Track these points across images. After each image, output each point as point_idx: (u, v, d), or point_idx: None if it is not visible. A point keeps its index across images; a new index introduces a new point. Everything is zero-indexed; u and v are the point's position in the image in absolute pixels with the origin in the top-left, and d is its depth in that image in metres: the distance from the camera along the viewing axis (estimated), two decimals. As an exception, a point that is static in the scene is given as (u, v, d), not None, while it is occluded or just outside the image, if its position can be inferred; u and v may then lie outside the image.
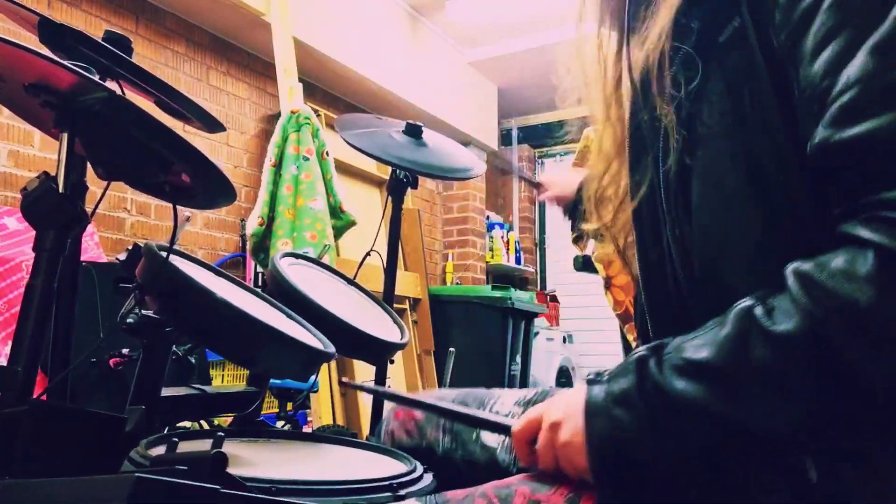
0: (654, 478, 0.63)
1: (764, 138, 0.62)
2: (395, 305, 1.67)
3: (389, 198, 1.87)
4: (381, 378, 1.73)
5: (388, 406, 1.18)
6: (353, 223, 3.11)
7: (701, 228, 0.67)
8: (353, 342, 1.23)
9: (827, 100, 0.57)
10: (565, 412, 0.68)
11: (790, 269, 0.57)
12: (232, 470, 0.58)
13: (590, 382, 0.67)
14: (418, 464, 0.90)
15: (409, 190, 1.88)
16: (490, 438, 0.95)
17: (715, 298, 0.63)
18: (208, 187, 1.01)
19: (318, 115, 3.35)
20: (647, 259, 0.74)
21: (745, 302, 0.59)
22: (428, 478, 0.86)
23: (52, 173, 0.92)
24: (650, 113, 0.71)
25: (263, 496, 0.57)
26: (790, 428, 0.57)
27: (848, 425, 0.57)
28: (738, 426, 0.57)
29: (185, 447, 0.66)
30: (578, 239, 3.01)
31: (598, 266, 2.03)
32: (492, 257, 5.57)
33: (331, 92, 4.28)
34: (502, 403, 0.98)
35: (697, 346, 0.60)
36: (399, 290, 3.96)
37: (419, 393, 1.13)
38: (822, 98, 0.57)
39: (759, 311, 0.57)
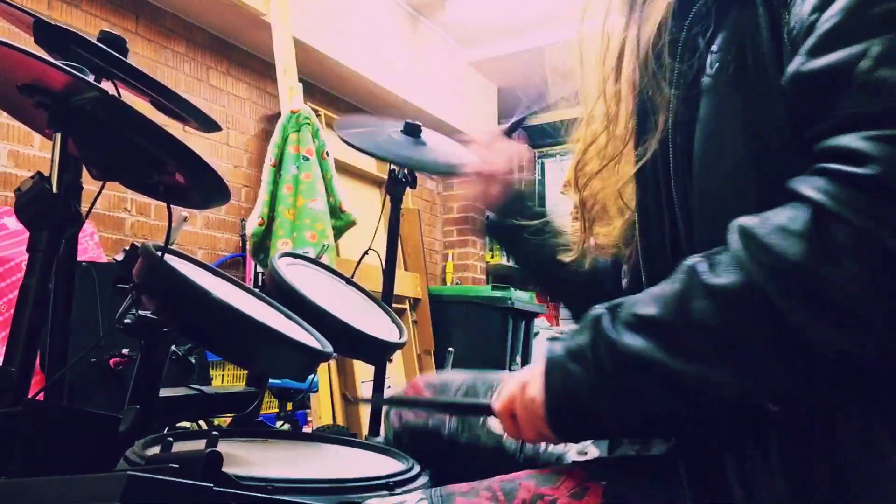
0: (606, 430, 0.65)
1: (762, 92, 0.62)
2: (394, 305, 1.67)
3: (388, 197, 1.88)
4: (380, 378, 1.73)
5: (395, 391, 1.19)
6: (353, 223, 3.11)
7: (701, 188, 0.67)
8: (351, 342, 1.23)
9: (810, 33, 0.56)
10: (532, 373, 0.70)
11: (735, 224, 0.57)
12: (229, 469, 0.58)
13: (550, 342, 0.69)
14: (415, 462, 0.90)
15: (409, 190, 1.89)
16: (496, 425, 0.95)
17: None
18: (202, 187, 1.01)
19: (318, 115, 3.35)
20: (649, 226, 0.74)
21: (693, 258, 0.60)
22: (424, 477, 0.86)
23: (48, 174, 0.92)
24: (656, 78, 0.71)
25: (256, 494, 0.57)
26: (734, 380, 0.57)
27: (806, 389, 0.57)
28: (682, 379, 0.58)
29: (182, 447, 0.66)
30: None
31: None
32: (492, 257, 5.57)
33: (331, 92, 4.28)
34: None
35: (646, 301, 0.61)
36: (399, 290, 3.96)
37: (428, 375, 1.13)
38: (808, 33, 0.57)
39: (702, 265, 0.58)
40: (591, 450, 0.90)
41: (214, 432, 0.74)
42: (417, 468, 0.88)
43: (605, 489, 0.66)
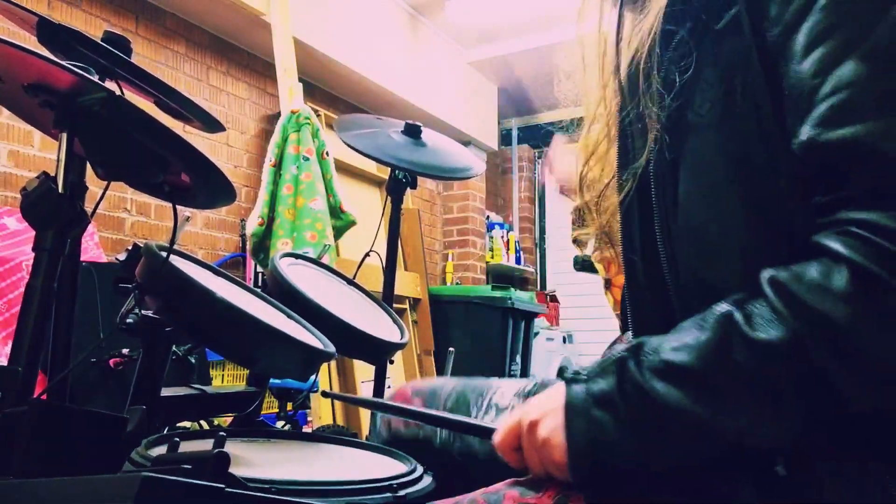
0: (632, 478, 0.63)
1: (753, 131, 0.62)
2: (395, 305, 1.67)
3: (388, 198, 1.88)
4: (380, 378, 1.73)
5: (385, 396, 1.17)
6: (353, 223, 3.11)
7: (687, 225, 0.67)
8: (352, 342, 1.23)
9: (815, 98, 0.57)
10: (542, 411, 0.67)
11: (766, 276, 0.57)
12: (232, 470, 0.58)
13: (568, 382, 0.66)
14: (418, 464, 0.90)
15: (409, 190, 1.89)
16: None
17: (698, 298, 0.63)
18: (208, 187, 1.01)
19: (318, 115, 3.35)
20: (632, 256, 0.74)
21: (724, 306, 0.59)
22: (427, 478, 0.86)
23: (52, 173, 0.92)
24: (638, 106, 0.70)
25: (266, 495, 0.57)
26: (770, 434, 0.57)
27: (831, 440, 0.57)
28: (718, 431, 0.58)
29: (185, 447, 0.66)
30: (580, 227, 3.01)
31: (599, 266, 2.03)
32: (492, 257, 5.57)
33: (331, 92, 4.28)
34: (501, 395, 0.98)
35: (676, 348, 0.60)
36: (399, 290, 3.96)
37: (414, 382, 1.12)
38: (811, 96, 0.57)
39: (738, 316, 0.57)
40: None
41: (221, 432, 0.74)
42: (420, 470, 0.88)
43: (588, 495, 0.66)
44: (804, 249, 0.57)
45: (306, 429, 3.06)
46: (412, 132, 1.80)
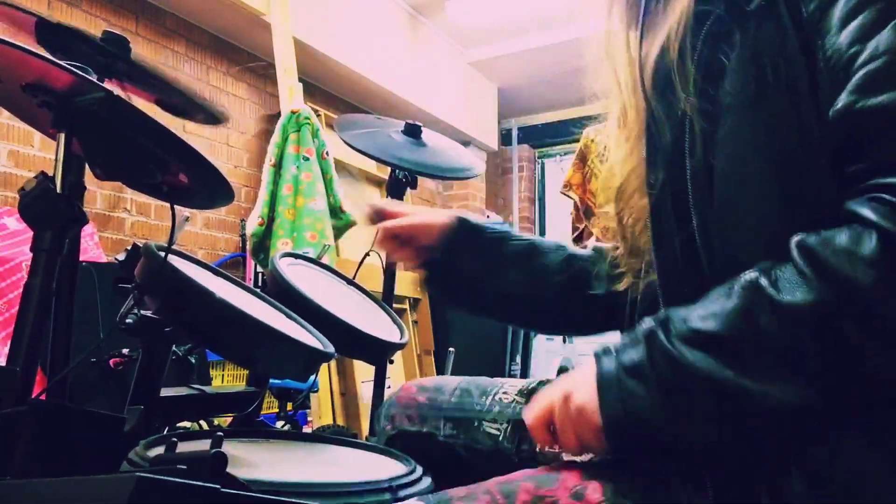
0: (666, 445, 0.64)
1: (787, 113, 0.62)
2: (394, 305, 1.67)
3: (389, 198, 1.87)
4: (380, 378, 1.73)
5: (389, 393, 1.17)
6: (353, 223, 3.11)
7: (722, 210, 0.66)
8: (352, 342, 1.23)
9: (852, 68, 0.57)
10: (575, 382, 0.69)
11: (795, 240, 0.58)
12: (231, 471, 0.58)
13: (598, 356, 0.67)
14: (417, 465, 0.90)
15: (409, 190, 1.88)
16: (492, 427, 0.96)
17: None
18: (206, 187, 1.01)
19: (318, 115, 3.35)
20: (665, 249, 0.73)
21: (751, 273, 0.60)
22: (427, 479, 0.86)
23: (51, 173, 0.92)
24: (667, 95, 0.70)
25: (263, 496, 0.57)
26: (797, 397, 0.57)
27: (850, 406, 0.58)
28: (745, 394, 0.58)
29: (184, 447, 0.66)
30: (578, 239, 3.01)
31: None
32: (492, 257, 5.56)
33: (331, 92, 4.28)
34: (505, 392, 0.99)
35: (703, 316, 0.61)
36: (399, 290, 3.95)
37: (420, 379, 1.13)
38: (848, 66, 0.57)
39: (764, 281, 0.58)
40: None
41: (219, 433, 0.74)
42: (420, 471, 0.88)
43: (605, 487, 0.66)
44: (836, 223, 0.57)
45: (306, 429, 3.06)
46: (412, 132, 1.79)
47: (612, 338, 0.73)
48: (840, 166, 0.59)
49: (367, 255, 1.82)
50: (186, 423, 1.68)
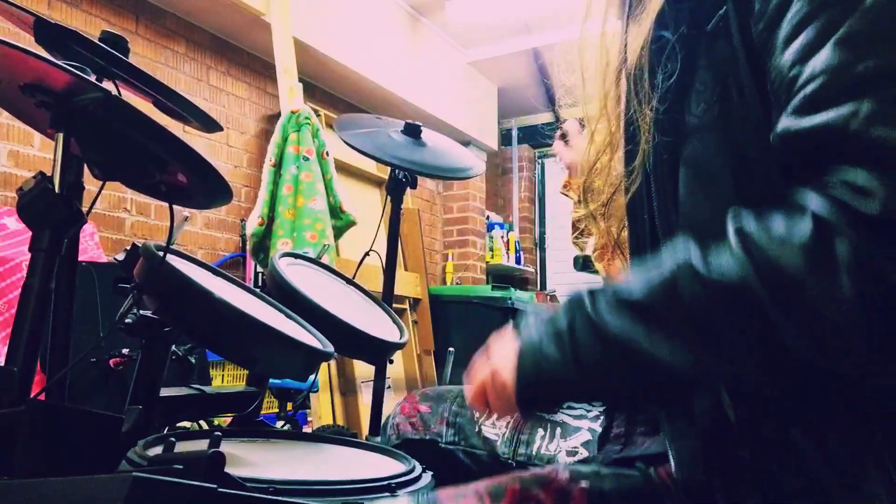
0: (576, 400, 0.68)
1: (748, 130, 0.62)
2: (394, 305, 1.67)
3: (388, 198, 1.87)
4: (380, 378, 1.73)
5: (392, 402, 1.21)
6: (353, 223, 3.11)
7: (688, 222, 0.67)
8: (352, 342, 1.23)
9: (793, 89, 0.56)
10: (503, 355, 0.71)
11: (733, 221, 0.57)
12: (231, 470, 0.58)
13: (528, 320, 0.70)
14: (417, 463, 0.90)
15: (408, 190, 1.88)
16: (490, 432, 1.00)
17: None
18: (205, 187, 1.01)
19: (318, 115, 3.35)
20: (639, 255, 0.74)
21: (683, 245, 0.60)
22: (426, 477, 0.86)
23: (50, 173, 0.91)
24: (640, 106, 0.71)
25: (260, 495, 0.57)
26: (704, 368, 0.58)
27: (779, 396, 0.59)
28: (654, 361, 0.58)
29: (183, 447, 0.66)
30: (579, 238, 3.01)
31: (599, 266, 2.02)
32: (492, 257, 5.57)
33: (331, 92, 4.28)
34: None
35: (630, 284, 0.62)
36: (399, 290, 3.95)
37: (423, 389, 1.17)
38: (789, 88, 0.57)
39: (695, 254, 0.58)
40: (582, 451, 0.91)
41: (217, 432, 0.74)
42: (419, 469, 0.88)
43: (591, 490, 0.67)
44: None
45: (306, 429, 3.06)
46: (412, 132, 1.79)
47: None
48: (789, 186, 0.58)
49: (367, 254, 1.82)
50: (186, 423, 1.68)
